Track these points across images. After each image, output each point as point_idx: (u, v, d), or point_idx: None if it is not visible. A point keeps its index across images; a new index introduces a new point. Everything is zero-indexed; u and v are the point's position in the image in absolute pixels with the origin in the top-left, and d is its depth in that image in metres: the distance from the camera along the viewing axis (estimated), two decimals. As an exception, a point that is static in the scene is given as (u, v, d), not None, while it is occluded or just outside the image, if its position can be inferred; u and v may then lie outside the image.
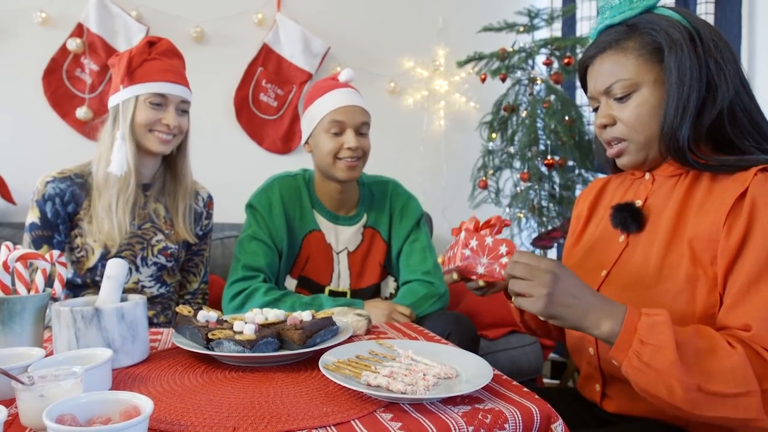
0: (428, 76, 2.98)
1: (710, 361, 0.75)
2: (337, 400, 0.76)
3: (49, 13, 2.42)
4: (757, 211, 0.80)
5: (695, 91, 0.85)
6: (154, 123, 1.37)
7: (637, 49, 0.90)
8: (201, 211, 1.56)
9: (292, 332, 0.93)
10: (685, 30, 0.87)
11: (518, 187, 2.58)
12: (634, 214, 0.95)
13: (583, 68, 0.99)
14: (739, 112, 0.88)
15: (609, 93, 0.93)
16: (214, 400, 0.76)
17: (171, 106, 1.38)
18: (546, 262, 0.81)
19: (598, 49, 0.94)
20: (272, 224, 1.47)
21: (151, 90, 1.35)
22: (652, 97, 0.90)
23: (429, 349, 0.94)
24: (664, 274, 0.88)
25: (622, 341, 0.77)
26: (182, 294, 1.59)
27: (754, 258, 0.79)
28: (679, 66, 0.86)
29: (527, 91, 2.57)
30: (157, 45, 1.40)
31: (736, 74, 0.88)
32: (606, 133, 0.96)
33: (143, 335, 0.95)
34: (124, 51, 1.37)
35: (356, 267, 1.56)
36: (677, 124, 0.86)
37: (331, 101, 1.44)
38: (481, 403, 0.75)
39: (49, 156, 2.43)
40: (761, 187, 0.81)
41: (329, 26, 2.79)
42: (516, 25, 2.54)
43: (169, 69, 1.38)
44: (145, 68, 1.36)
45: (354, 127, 1.43)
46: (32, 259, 0.97)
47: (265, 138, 2.76)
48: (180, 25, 2.59)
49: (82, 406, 0.62)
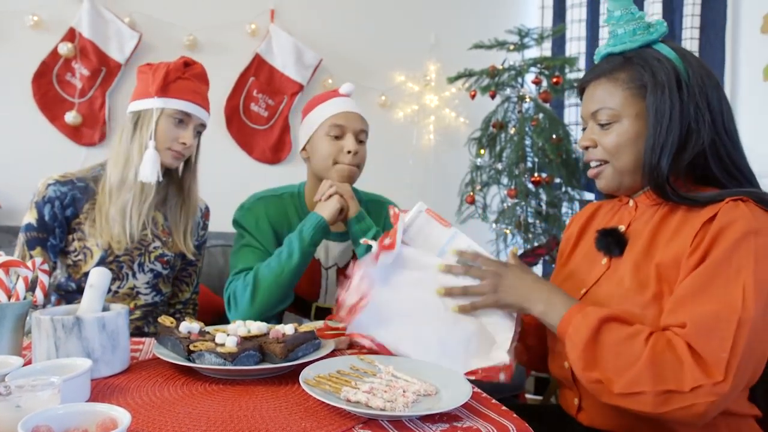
0: (419, 90, 3.01)
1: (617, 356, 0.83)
2: (317, 416, 0.76)
3: (41, 16, 2.42)
4: (721, 234, 0.84)
5: (673, 133, 0.91)
6: (173, 138, 1.40)
7: (627, 82, 0.95)
8: (198, 222, 1.59)
9: (274, 345, 0.93)
10: (674, 72, 0.92)
11: (505, 204, 2.60)
12: (618, 239, 0.99)
13: (581, 89, 1.05)
14: (720, 150, 0.93)
15: (595, 118, 0.99)
16: (193, 413, 0.76)
17: (191, 125, 1.42)
18: (493, 263, 1.02)
19: (595, 74, 1.00)
20: (261, 235, 1.46)
21: (178, 107, 1.38)
22: (631, 129, 0.95)
23: (410, 365, 0.94)
24: (633, 291, 0.92)
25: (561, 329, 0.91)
26: (173, 303, 1.59)
27: (705, 271, 0.83)
28: (657, 108, 0.92)
29: (516, 109, 2.60)
30: (192, 67, 1.44)
31: (719, 118, 0.93)
32: (588, 154, 1.03)
33: (124, 345, 0.95)
34: (160, 64, 1.41)
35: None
36: (655, 162, 0.92)
37: (333, 106, 1.47)
38: (460, 420, 0.75)
39: (36, 160, 2.42)
40: (729, 213, 0.84)
41: (322, 38, 2.82)
42: (506, 43, 2.58)
43: (197, 91, 1.43)
44: (179, 85, 1.40)
45: (354, 132, 1.45)
46: (14, 267, 0.96)
47: (255, 148, 2.77)
48: (173, 33, 2.60)
49: (59, 418, 0.62)
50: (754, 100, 2.43)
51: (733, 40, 2.51)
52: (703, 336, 0.79)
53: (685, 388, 0.77)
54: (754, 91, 2.42)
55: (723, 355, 0.77)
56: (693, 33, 2.54)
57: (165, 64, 1.39)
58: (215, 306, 2.20)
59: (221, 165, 2.70)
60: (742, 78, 2.49)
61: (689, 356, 0.79)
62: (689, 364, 0.78)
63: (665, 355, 0.80)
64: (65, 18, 2.45)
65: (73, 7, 2.45)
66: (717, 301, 0.80)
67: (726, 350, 0.77)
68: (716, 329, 0.79)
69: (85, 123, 2.50)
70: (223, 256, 2.40)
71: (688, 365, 0.78)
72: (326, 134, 1.44)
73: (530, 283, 0.99)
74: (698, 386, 0.77)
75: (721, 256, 0.82)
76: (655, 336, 0.83)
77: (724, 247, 0.83)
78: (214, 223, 2.34)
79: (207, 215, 1.62)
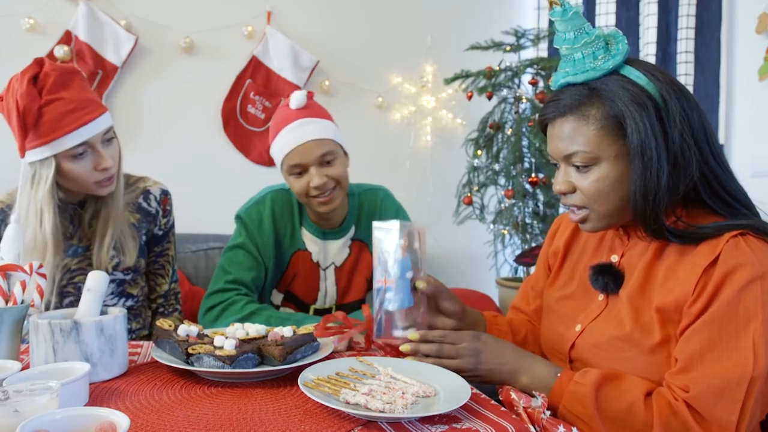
0: (416, 92, 3.01)
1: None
2: (316, 418, 0.76)
3: (37, 19, 2.42)
4: (726, 281, 0.78)
5: (664, 172, 0.81)
6: (89, 171, 1.21)
7: (599, 120, 0.84)
8: (155, 211, 1.45)
9: (273, 348, 0.93)
10: (651, 101, 0.82)
11: (503, 204, 2.60)
12: (615, 277, 0.94)
13: (543, 124, 0.94)
14: (711, 179, 0.86)
15: (569, 161, 0.89)
16: (192, 417, 0.76)
17: (97, 145, 1.21)
18: (466, 340, 0.96)
19: (558, 110, 0.88)
20: (261, 240, 1.44)
21: (69, 144, 1.15)
22: (613, 172, 0.85)
23: (409, 367, 0.94)
24: (636, 338, 0.87)
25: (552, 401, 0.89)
26: (153, 298, 1.51)
27: (711, 324, 0.79)
28: (642, 148, 0.81)
29: (513, 110, 2.60)
30: (42, 78, 1.14)
31: (705, 143, 0.85)
32: (566, 199, 0.93)
33: (122, 349, 0.95)
34: (6, 98, 1.13)
35: (342, 282, 1.54)
36: (650, 209, 0.83)
37: (285, 143, 1.36)
38: (459, 422, 0.75)
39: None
40: (732, 256, 0.79)
41: (319, 40, 2.82)
42: (503, 44, 2.58)
43: (72, 108, 1.15)
44: (48, 118, 1.12)
45: (314, 163, 1.35)
46: (11, 271, 0.96)
47: (252, 150, 2.77)
48: (169, 36, 2.60)
49: (57, 423, 0.61)
50: (750, 101, 2.44)
51: (728, 40, 2.51)
52: (711, 400, 0.76)
53: None
54: (750, 91, 2.43)
55: (732, 418, 0.75)
56: (688, 33, 2.55)
57: (12, 96, 1.11)
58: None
59: (218, 167, 2.71)
60: (738, 78, 2.50)
61: (695, 422, 0.77)
62: (696, 430, 0.76)
63: (672, 423, 0.78)
64: (61, 21, 2.45)
65: (69, 10, 2.45)
66: (726, 359, 0.76)
67: (736, 413, 0.75)
68: (726, 392, 0.76)
69: (81, 126, 2.49)
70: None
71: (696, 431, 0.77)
72: (289, 174, 1.39)
73: (510, 357, 0.95)
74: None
75: (726, 306, 0.78)
76: (657, 400, 0.80)
77: (729, 297, 0.77)
78: (212, 225, 2.34)
79: (165, 200, 1.47)
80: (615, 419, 0.82)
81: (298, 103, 1.38)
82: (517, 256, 2.45)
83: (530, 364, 0.94)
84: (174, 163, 2.58)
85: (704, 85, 2.57)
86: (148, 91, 2.61)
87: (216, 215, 2.13)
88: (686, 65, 2.57)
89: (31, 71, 1.13)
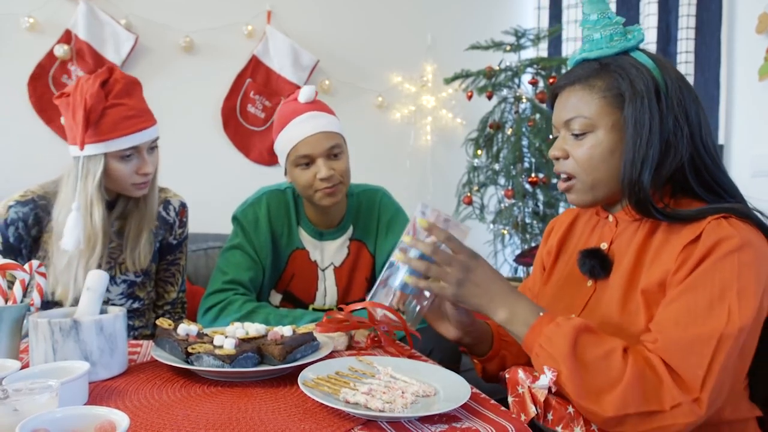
0: (416, 91, 3.01)
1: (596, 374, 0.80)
2: (315, 417, 0.76)
3: (37, 18, 2.41)
4: (708, 253, 0.81)
5: (653, 146, 0.86)
6: (129, 174, 1.29)
7: (603, 90, 0.90)
8: (172, 221, 1.51)
9: (273, 347, 0.93)
10: (653, 82, 0.88)
11: (502, 204, 2.60)
12: (602, 261, 0.96)
13: (553, 95, 1.00)
14: (699, 166, 0.89)
15: (568, 126, 0.94)
16: (192, 416, 0.76)
17: (143, 152, 1.31)
18: (464, 253, 0.91)
19: (569, 80, 0.94)
20: (257, 240, 1.44)
21: (120, 146, 1.25)
22: (606, 141, 0.90)
23: (408, 366, 0.94)
24: (625, 322, 0.89)
25: (528, 340, 0.86)
26: (161, 305, 1.56)
27: (689, 294, 0.81)
28: (636, 119, 0.87)
29: (513, 109, 2.60)
30: (110, 83, 1.25)
31: (698, 132, 0.89)
32: (558, 165, 0.97)
33: (122, 348, 0.95)
34: (75, 94, 1.21)
35: (342, 282, 1.53)
36: (636, 176, 0.87)
37: (294, 134, 1.37)
38: (459, 421, 0.75)
39: (32, 162, 2.41)
40: (714, 233, 0.82)
41: (319, 40, 2.82)
42: (503, 44, 2.58)
43: (131, 114, 1.26)
44: (108, 119, 1.23)
45: (322, 155, 1.36)
46: (10, 270, 0.96)
47: (252, 149, 2.76)
48: (169, 35, 2.60)
49: (57, 421, 0.61)
50: (750, 101, 2.44)
51: (728, 40, 2.52)
52: (680, 353, 0.78)
53: (665, 407, 0.76)
54: (750, 91, 2.43)
55: (699, 373, 0.76)
56: (689, 33, 2.55)
57: (81, 94, 1.20)
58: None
59: (218, 166, 2.71)
60: (738, 78, 2.50)
61: (668, 374, 0.78)
62: (668, 382, 0.77)
63: (646, 373, 0.78)
64: (61, 20, 2.45)
65: (69, 9, 2.45)
66: (701, 325, 0.78)
67: (703, 367, 0.76)
68: (695, 346, 0.78)
69: (81, 125, 2.49)
70: (220, 258, 2.39)
71: (667, 383, 0.77)
72: (295, 165, 1.38)
73: (498, 286, 0.91)
74: (677, 404, 0.76)
75: (703, 275, 0.80)
76: (633, 353, 0.81)
77: (708, 267, 0.80)
78: (212, 225, 2.34)
79: (183, 212, 1.54)
80: (589, 365, 0.80)
81: (307, 97, 1.39)
82: (517, 256, 2.45)
83: (514, 300, 0.89)
84: (174, 162, 2.56)
85: (704, 85, 2.57)
86: (148, 91, 2.54)
87: (216, 215, 2.12)
88: (686, 65, 2.58)
89: (102, 76, 1.24)
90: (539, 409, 0.82)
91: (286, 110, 1.41)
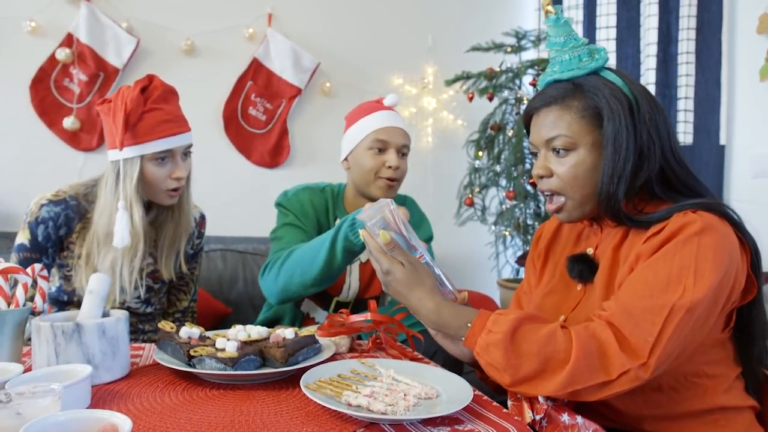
0: (417, 93, 3.01)
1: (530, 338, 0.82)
2: (318, 420, 0.76)
3: (38, 22, 2.42)
4: (672, 237, 0.85)
5: (630, 160, 0.90)
6: (163, 178, 1.32)
7: (580, 110, 0.93)
8: (193, 231, 1.53)
9: (275, 350, 0.93)
10: (626, 99, 0.91)
11: (504, 205, 2.60)
12: (589, 264, 0.99)
13: (528, 116, 1.01)
14: (669, 174, 0.93)
15: (549, 145, 0.96)
16: (194, 419, 0.76)
17: (177, 156, 1.34)
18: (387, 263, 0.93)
19: (544, 101, 0.96)
20: (305, 222, 1.48)
21: (156, 149, 1.28)
22: (588, 159, 0.93)
23: (411, 369, 0.95)
24: None
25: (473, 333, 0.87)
26: (172, 312, 1.57)
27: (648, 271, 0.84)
28: (615, 136, 0.90)
29: (514, 111, 2.60)
30: (150, 89, 1.30)
31: (667, 144, 0.93)
32: (542, 184, 0.98)
33: (124, 351, 0.95)
34: (116, 100, 1.26)
35: (365, 278, 1.58)
36: (613, 191, 0.91)
37: (377, 121, 1.47)
38: (461, 424, 0.75)
39: (34, 165, 2.42)
40: (677, 221, 0.85)
41: (319, 42, 2.82)
42: (504, 45, 2.58)
43: (169, 118, 1.31)
44: (146, 123, 1.27)
45: (396, 147, 1.46)
46: (13, 273, 0.96)
47: (253, 152, 2.76)
48: (170, 38, 2.60)
49: (60, 425, 0.61)
50: (751, 101, 2.44)
51: (729, 40, 2.51)
52: (633, 320, 0.80)
53: (613, 376, 0.79)
54: (751, 91, 2.43)
55: (649, 339, 0.79)
56: (689, 34, 2.55)
57: (122, 99, 1.25)
58: (215, 311, 2.20)
59: (219, 169, 2.71)
60: (739, 79, 2.50)
61: (614, 341, 0.79)
62: (614, 349, 0.79)
63: (590, 346, 0.80)
64: (63, 23, 2.45)
65: (71, 13, 2.45)
66: (657, 296, 0.81)
67: (653, 334, 0.79)
68: (647, 313, 0.80)
69: (83, 128, 2.50)
70: (222, 261, 2.40)
71: (614, 351, 0.79)
72: (369, 148, 1.46)
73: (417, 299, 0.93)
74: (625, 371, 0.78)
75: (663, 256, 0.84)
76: (572, 328, 0.83)
77: (669, 248, 0.84)
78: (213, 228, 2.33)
79: (202, 224, 1.58)
80: (534, 355, 0.80)
81: (392, 102, 1.52)
82: (519, 258, 2.45)
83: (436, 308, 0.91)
84: (175, 164, 2.58)
85: (705, 86, 2.56)
86: (149, 93, 2.61)
87: (217, 217, 2.12)
88: (687, 66, 2.57)
89: (142, 83, 1.29)
90: (536, 416, 0.83)
91: (370, 104, 1.52)
